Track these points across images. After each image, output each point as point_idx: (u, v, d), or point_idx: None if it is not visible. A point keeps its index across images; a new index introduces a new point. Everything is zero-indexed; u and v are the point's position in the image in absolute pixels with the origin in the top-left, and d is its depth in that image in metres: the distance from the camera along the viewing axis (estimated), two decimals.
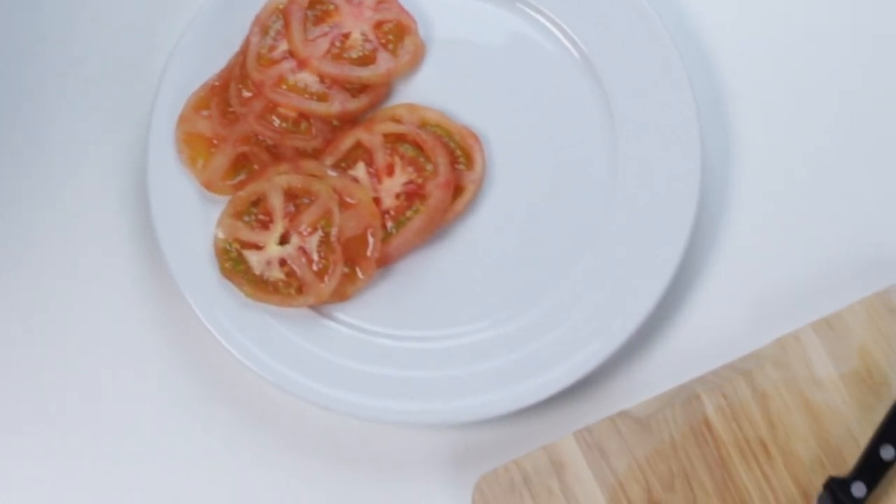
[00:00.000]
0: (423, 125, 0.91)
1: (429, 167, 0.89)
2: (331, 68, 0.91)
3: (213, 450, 0.88)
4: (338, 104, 0.90)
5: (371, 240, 0.87)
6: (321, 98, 0.91)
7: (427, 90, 0.93)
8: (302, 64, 0.91)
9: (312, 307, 0.88)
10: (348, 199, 0.88)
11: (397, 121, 0.91)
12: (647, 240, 0.89)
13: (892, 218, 0.92)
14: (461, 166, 0.90)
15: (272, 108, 0.91)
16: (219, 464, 0.88)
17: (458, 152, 0.90)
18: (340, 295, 0.88)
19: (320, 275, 0.87)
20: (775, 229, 0.92)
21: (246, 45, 0.92)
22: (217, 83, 0.92)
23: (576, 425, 0.87)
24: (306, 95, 0.91)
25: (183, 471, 0.88)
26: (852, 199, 0.93)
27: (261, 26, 0.92)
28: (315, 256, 0.87)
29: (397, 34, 0.92)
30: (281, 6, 0.93)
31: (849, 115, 0.94)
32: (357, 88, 0.91)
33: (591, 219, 0.90)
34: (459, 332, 0.88)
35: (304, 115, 0.90)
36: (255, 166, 0.90)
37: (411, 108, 0.91)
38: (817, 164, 0.93)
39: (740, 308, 0.90)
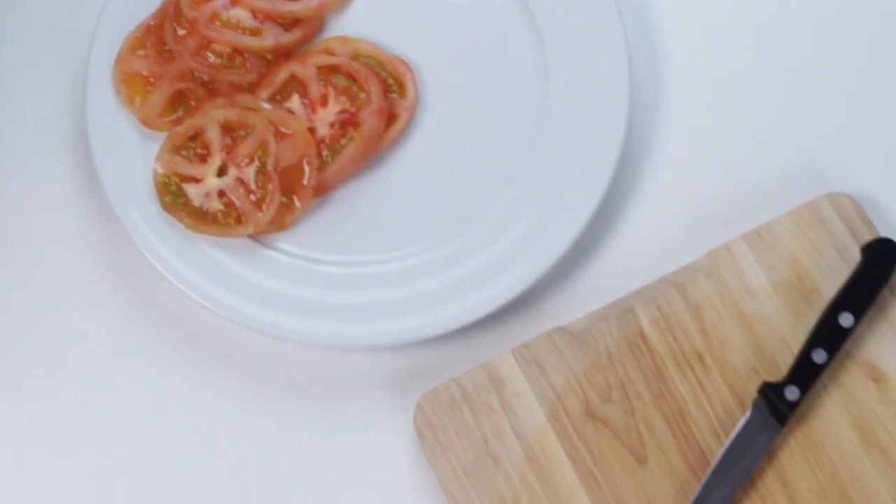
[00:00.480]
0: (356, 57, 0.92)
1: (362, 96, 0.91)
2: (263, 3, 0.92)
3: (164, 384, 0.89)
4: (271, 38, 0.92)
5: (307, 168, 0.89)
6: (254, 33, 0.92)
7: (359, 23, 0.94)
8: (235, 0, 0.92)
9: (253, 237, 0.89)
10: (283, 130, 0.89)
11: (330, 53, 0.92)
12: (578, 160, 0.90)
13: (819, 131, 0.94)
14: (394, 95, 0.92)
15: (207, 44, 0.92)
16: (169, 397, 0.89)
17: (391, 81, 0.92)
18: (279, 224, 0.89)
19: (258, 204, 0.88)
20: (706, 145, 0.93)
21: None
22: (152, 23, 0.93)
23: (514, 343, 0.89)
24: (240, 31, 0.92)
25: (135, 407, 0.89)
26: (780, 113, 0.94)
27: None
28: (253, 186, 0.89)
29: None
30: None
31: (777, 30, 0.96)
32: (290, 22, 0.93)
33: (523, 143, 0.91)
34: (397, 255, 0.90)
35: (238, 51, 0.92)
36: (192, 102, 0.91)
37: (344, 40, 0.93)
38: (745, 80, 0.95)
39: (673, 224, 0.92)
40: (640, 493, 0.86)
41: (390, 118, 0.91)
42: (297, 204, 0.89)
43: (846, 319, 0.87)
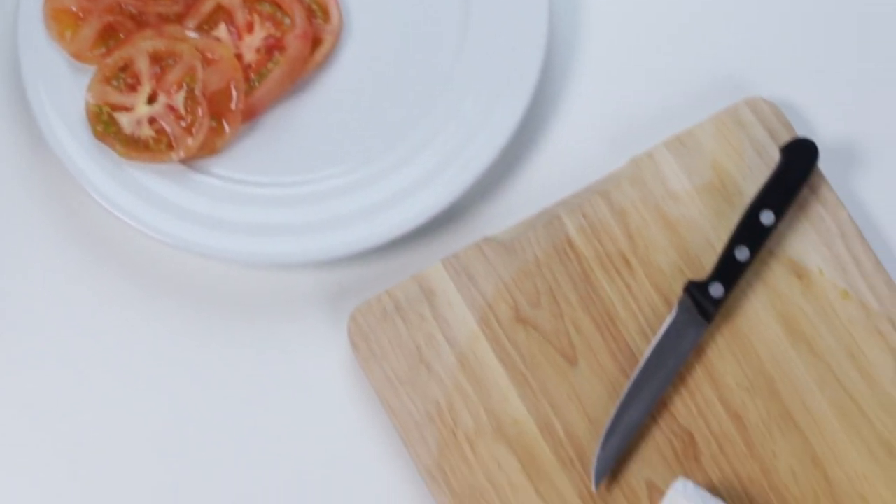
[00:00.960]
0: None
1: (287, 22, 0.92)
2: None
3: (103, 309, 0.91)
4: None
5: (234, 93, 0.91)
6: None
7: None
8: None
9: (185, 162, 0.91)
10: (210, 57, 0.91)
11: None
12: (500, 75, 0.92)
13: (737, 38, 0.96)
14: (318, 20, 0.94)
15: None
16: (108, 321, 0.91)
17: (315, 7, 0.94)
18: (210, 149, 0.91)
19: (188, 129, 0.90)
20: (627, 55, 0.95)
21: None
22: None
23: (445, 255, 0.91)
24: None
25: (72, 332, 0.91)
26: (699, 22, 0.96)
27: None
28: (182, 112, 0.90)
29: None
30: None
31: None
32: None
33: (445, 60, 0.93)
34: (326, 174, 0.91)
35: None
36: (121, 35, 0.93)
37: None
38: None
39: (597, 134, 0.94)
40: (572, 393, 0.87)
41: (315, 42, 0.93)
42: (227, 128, 0.91)
43: (767, 217, 0.89)
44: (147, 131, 0.91)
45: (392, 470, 0.88)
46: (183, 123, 0.90)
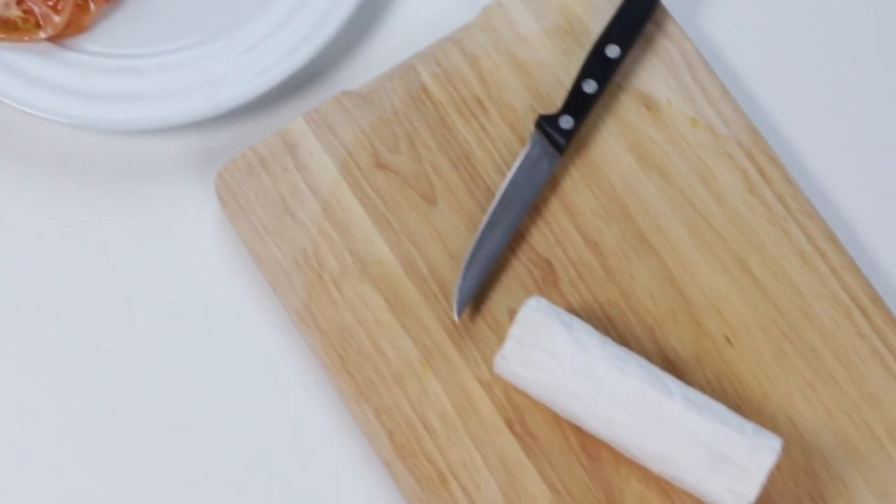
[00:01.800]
0: None
1: None
2: None
3: None
4: None
5: None
6: None
7: None
8: None
9: (54, 41, 0.95)
10: None
11: None
12: None
13: None
14: None
15: None
16: None
17: None
18: (77, 27, 0.94)
19: (54, 8, 0.94)
20: None
21: None
22: None
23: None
24: None
25: None
26: None
27: None
28: None
29: None
30: None
31: None
32: None
33: None
34: (189, 42, 0.95)
35: None
36: None
37: None
38: None
39: None
40: (433, 232, 0.90)
41: None
42: (92, 6, 0.94)
43: (612, 51, 0.92)
44: (15, 12, 0.94)
45: (265, 317, 0.91)
46: (49, 2, 0.94)
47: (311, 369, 0.90)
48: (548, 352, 0.84)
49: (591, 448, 0.86)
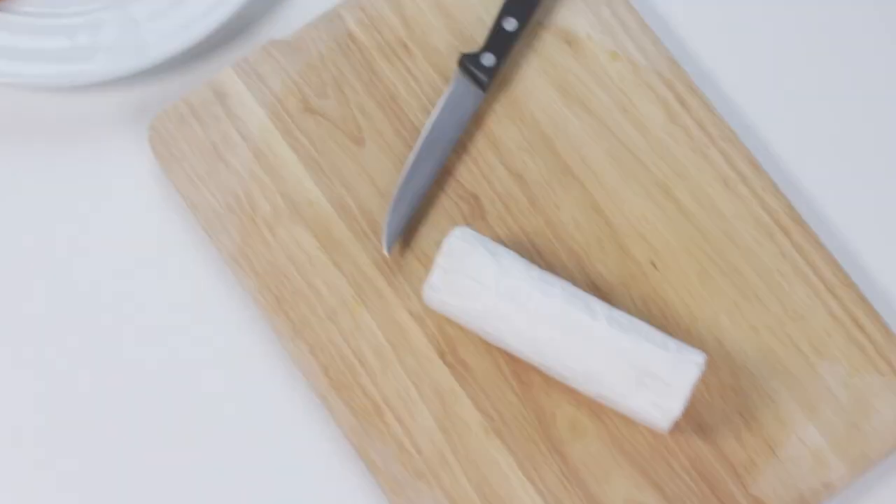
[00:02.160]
0: None
1: None
2: None
3: None
4: None
5: None
6: None
7: None
8: None
9: None
10: None
11: None
12: None
13: None
14: None
15: None
16: None
17: None
18: None
19: None
20: None
21: None
22: None
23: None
24: None
25: None
26: None
27: None
28: None
29: None
30: None
31: None
32: None
33: None
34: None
35: None
36: None
37: None
38: None
39: None
40: (361, 171, 0.92)
41: None
42: None
43: None
44: None
45: (198, 262, 0.93)
46: None
47: (248, 312, 0.92)
48: (474, 279, 0.86)
49: (522, 374, 0.88)
